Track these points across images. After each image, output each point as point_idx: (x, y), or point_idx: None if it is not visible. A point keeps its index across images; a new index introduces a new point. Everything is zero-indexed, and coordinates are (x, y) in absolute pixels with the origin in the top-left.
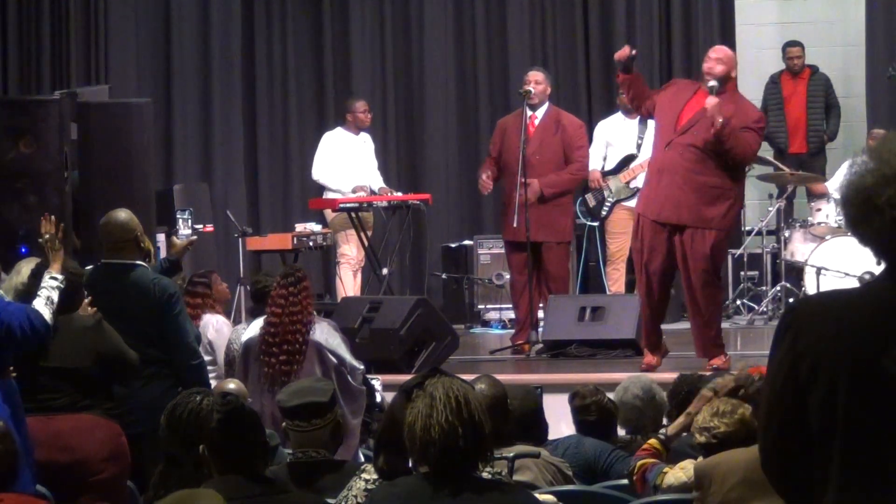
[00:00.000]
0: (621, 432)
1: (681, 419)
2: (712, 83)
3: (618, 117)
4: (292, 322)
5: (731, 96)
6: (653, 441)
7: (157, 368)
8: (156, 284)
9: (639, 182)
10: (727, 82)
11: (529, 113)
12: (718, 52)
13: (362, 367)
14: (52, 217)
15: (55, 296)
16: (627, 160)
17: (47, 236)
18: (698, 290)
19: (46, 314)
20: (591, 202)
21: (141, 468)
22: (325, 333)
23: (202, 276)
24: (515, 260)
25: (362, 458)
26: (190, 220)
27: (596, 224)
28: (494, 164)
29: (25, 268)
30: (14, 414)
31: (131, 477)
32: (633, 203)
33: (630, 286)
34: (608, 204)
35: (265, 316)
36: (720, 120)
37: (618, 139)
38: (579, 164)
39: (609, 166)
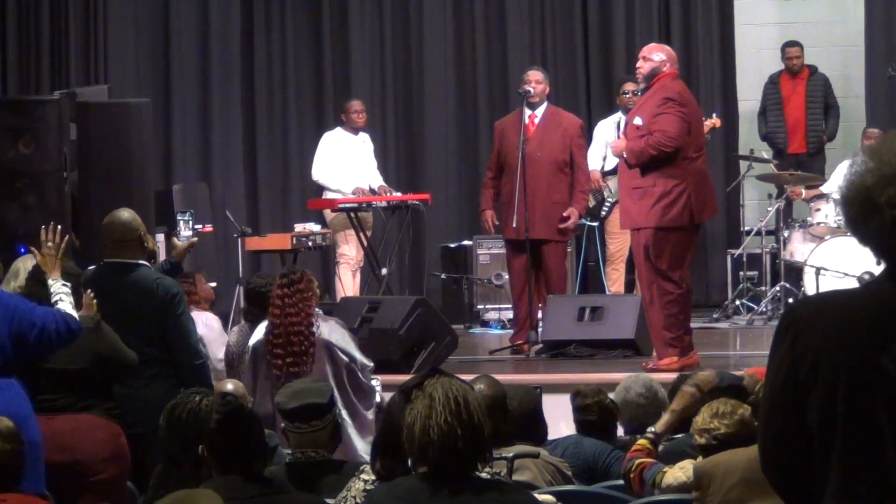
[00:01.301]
0: (622, 432)
1: (666, 416)
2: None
3: (618, 117)
4: (291, 324)
5: (655, 92)
6: (643, 441)
7: (160, 368)
8: (159, 284)
9: None
10: (654, 78)
11: (529, 112)
12: (644, 51)
13: (372, 364)
14: (58, 227)
15: (73, 299)
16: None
17: (49, 244)
18: (645, 287)
19: (77, 316)
20: (591, 202)
21: (143, 468)
22: (333, 332)
23: (186, 277)
24: (516, 259)
25: None
26: (191, 222)
27: (595, 224)
28: (493, 185)
29: (23, 268)
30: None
31: (134, 477)
32: None
33: (629, 286)
34: (608, 204)
35: (268, 317)
36: (624, 156)
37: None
38: (585, 173)
39: (609, 166)
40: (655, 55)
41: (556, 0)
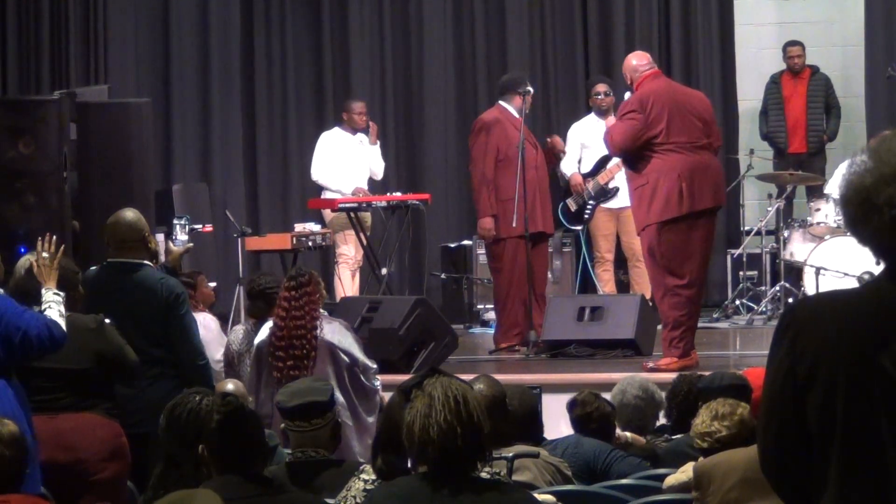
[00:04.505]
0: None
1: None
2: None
3: (591, 118)
4: (296, 327)
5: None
6: None
7: (163, 369)
8: (162, 284)
9: (617, 182)
10: (634, 87)
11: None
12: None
13: (375, 365)
14: (54, 238)
15: (63, 309)
16: (603, 161)
17: (45, 255)
18: (654, 286)
19: (63, 326)
20: (573, 206)
21: (146, 468)
22: (336, 333)
23: (188, 277)
24: (521, 256)
25: None
26: (187, 227)
27: (580, 228)
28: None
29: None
30: (25, 415)
31: (137, 477)
32: (611, 204)
33: (620, 286)
34: (590, 206)
35: (273, 318)
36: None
37: (592, 141)
38: None
39: (585, 168)
40: (625, 68)
41: (556, 0)
